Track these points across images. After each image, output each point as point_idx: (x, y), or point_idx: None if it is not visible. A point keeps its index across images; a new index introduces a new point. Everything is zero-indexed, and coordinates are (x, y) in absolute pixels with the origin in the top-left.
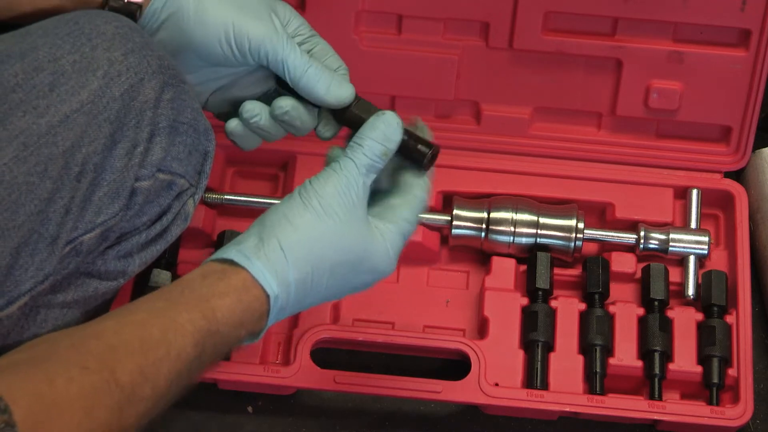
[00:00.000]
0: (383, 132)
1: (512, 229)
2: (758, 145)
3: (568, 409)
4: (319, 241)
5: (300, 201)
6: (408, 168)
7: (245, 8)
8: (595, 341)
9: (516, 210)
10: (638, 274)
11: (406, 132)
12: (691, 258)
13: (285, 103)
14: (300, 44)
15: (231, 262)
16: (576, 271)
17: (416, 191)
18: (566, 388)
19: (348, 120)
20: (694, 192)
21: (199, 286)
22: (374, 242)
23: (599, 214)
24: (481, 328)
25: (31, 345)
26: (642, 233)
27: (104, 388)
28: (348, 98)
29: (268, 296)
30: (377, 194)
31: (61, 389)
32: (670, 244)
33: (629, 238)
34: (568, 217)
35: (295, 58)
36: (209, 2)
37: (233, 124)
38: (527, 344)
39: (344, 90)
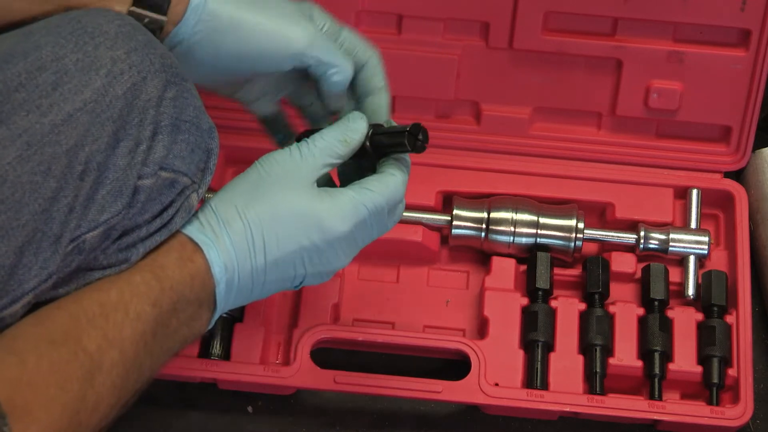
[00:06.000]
0: (345, 123)
1: (512, 229)
2: (758, 145)
3: (568, 409)
4: (250, 197)
5: (243, 173)
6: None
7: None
8: (595, 341)
9: (516, 210)
10: (638, 274)
11: (387, 128)
12: (691, 258)
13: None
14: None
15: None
16: (576, 271)
17: (388, 169)
18: (566, 388)
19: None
20: (694, 192)
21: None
22: (320, 200)
23: (599, 214)
24: (481, 328)
25: None
26: (642, 233)
27: (73, 360)
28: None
29: (199, 247)
30: None
31: (33, 367)
32: (670, 244)
33: (629, 238)
34: (568, 217)
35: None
36: (246, 12)
37: None
38: (527, 344)
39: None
